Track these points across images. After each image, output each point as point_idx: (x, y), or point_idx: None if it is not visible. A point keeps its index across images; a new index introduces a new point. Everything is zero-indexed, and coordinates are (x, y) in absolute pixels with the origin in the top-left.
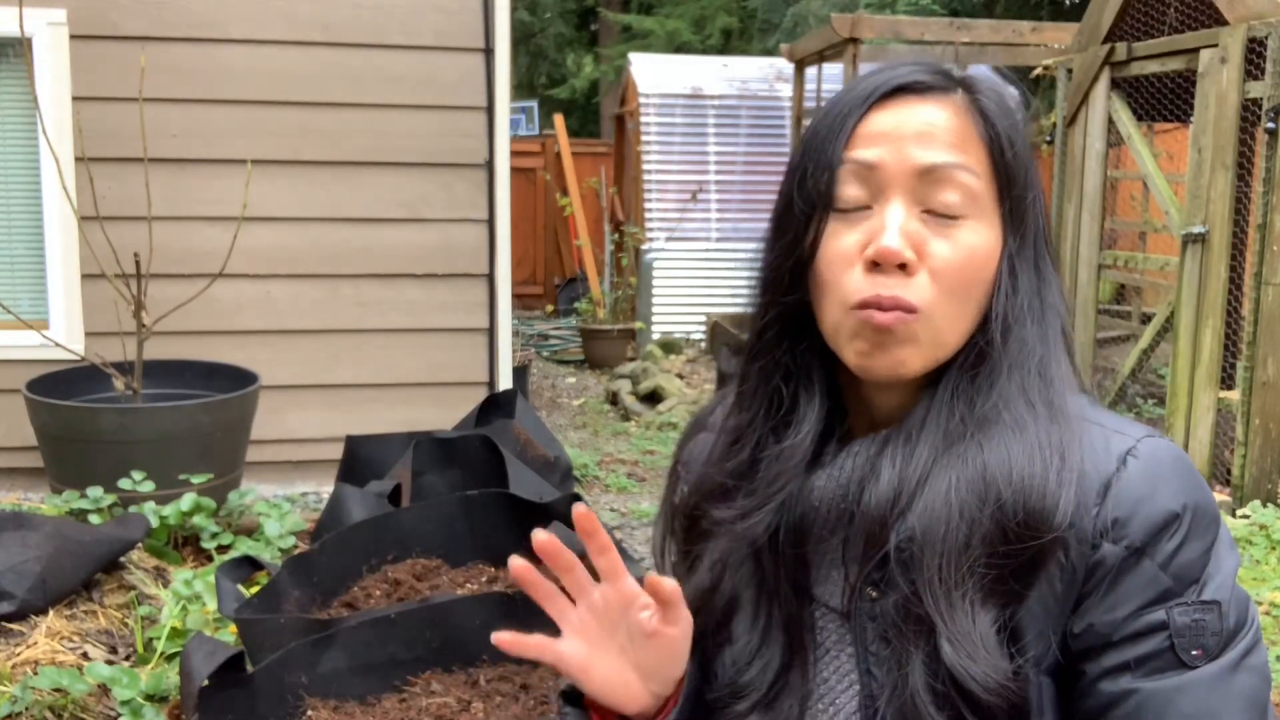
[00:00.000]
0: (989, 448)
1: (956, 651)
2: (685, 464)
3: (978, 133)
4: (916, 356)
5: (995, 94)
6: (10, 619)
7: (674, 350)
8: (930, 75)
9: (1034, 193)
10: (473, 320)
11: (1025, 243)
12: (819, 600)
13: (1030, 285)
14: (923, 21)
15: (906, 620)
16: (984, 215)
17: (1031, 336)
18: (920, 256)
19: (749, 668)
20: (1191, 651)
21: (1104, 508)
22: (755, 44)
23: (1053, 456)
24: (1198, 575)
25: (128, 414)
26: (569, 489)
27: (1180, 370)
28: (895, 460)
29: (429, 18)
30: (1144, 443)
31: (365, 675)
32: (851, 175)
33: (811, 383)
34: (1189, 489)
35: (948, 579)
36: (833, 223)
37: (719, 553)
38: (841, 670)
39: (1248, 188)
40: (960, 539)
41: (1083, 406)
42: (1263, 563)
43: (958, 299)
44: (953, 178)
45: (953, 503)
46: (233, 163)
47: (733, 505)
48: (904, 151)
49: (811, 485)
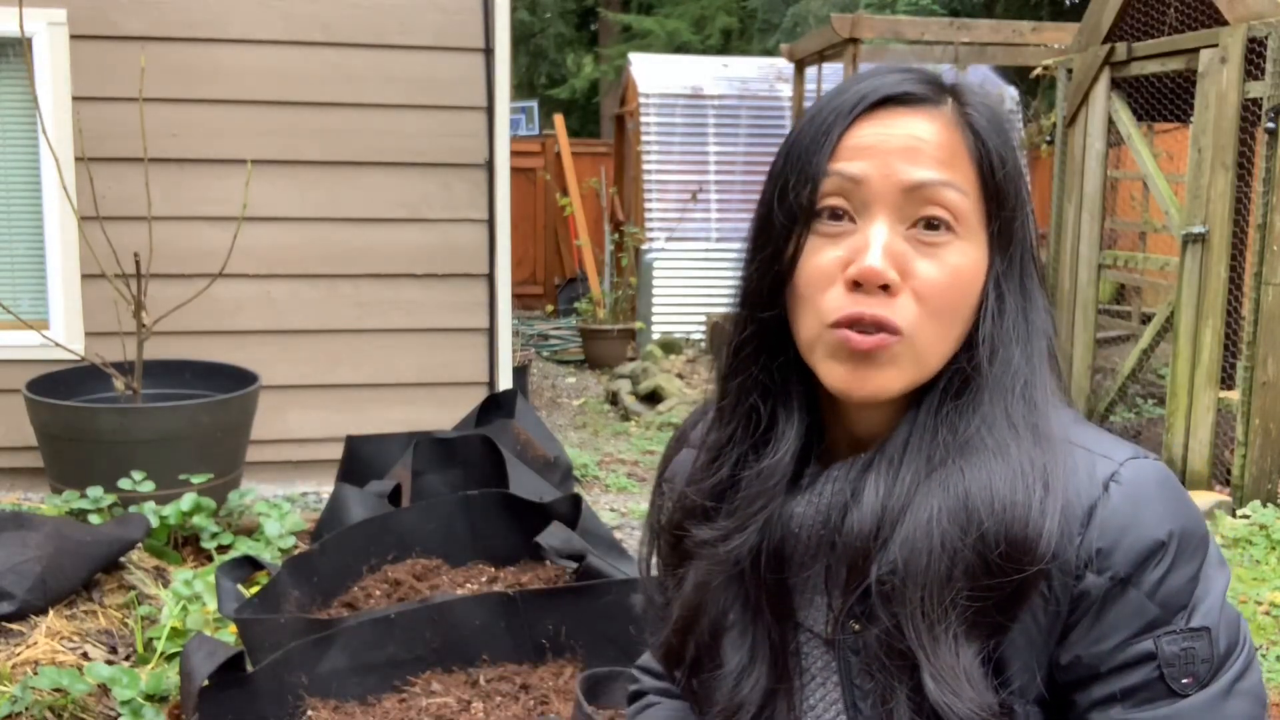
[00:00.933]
0: (970, 474)
1: (940, 688)
2: (669, 480)
3: (967, 148)
4: (898, 378)
5: (986, 107)
6: (10, 619)
7: (674, 350)
8: (920, 86)
9: (1023, 211)
10: (473, 320)
11: (1012, 263)
12: (804, 626)
13: (1016, 306)
14: (923, 21)
15: (890, 655)
16: (971, 235)
17: (1017, 359)
18: (904, 277)
19: (739, 688)
20: (1182, 680)
21: (1087, 536)
22: (755, 44)
23: (1036, 484)
24: (1185, 601)
25: (128, 414)
26: (569, 489)
27: (1180, 370)
28: (879, 487)
29: (429, 18)
30: (1127, 466)
31: (365, 675)
32: (835, 189)
33: (790, 400)
34: (1174, 514)
35: (930, 612)
36: (814, 237)
37: (702, 574)
38: (829, 698)
39: (1248, 188)
40: (942, 571)
41: (1067, 426)
42: (1263, 563)
43: (942, 321)
44: (940, 196)
45: (934, 533)
46: (233, 163)
47: (714, 526)
48: (890, 167)
49: (791, 511)
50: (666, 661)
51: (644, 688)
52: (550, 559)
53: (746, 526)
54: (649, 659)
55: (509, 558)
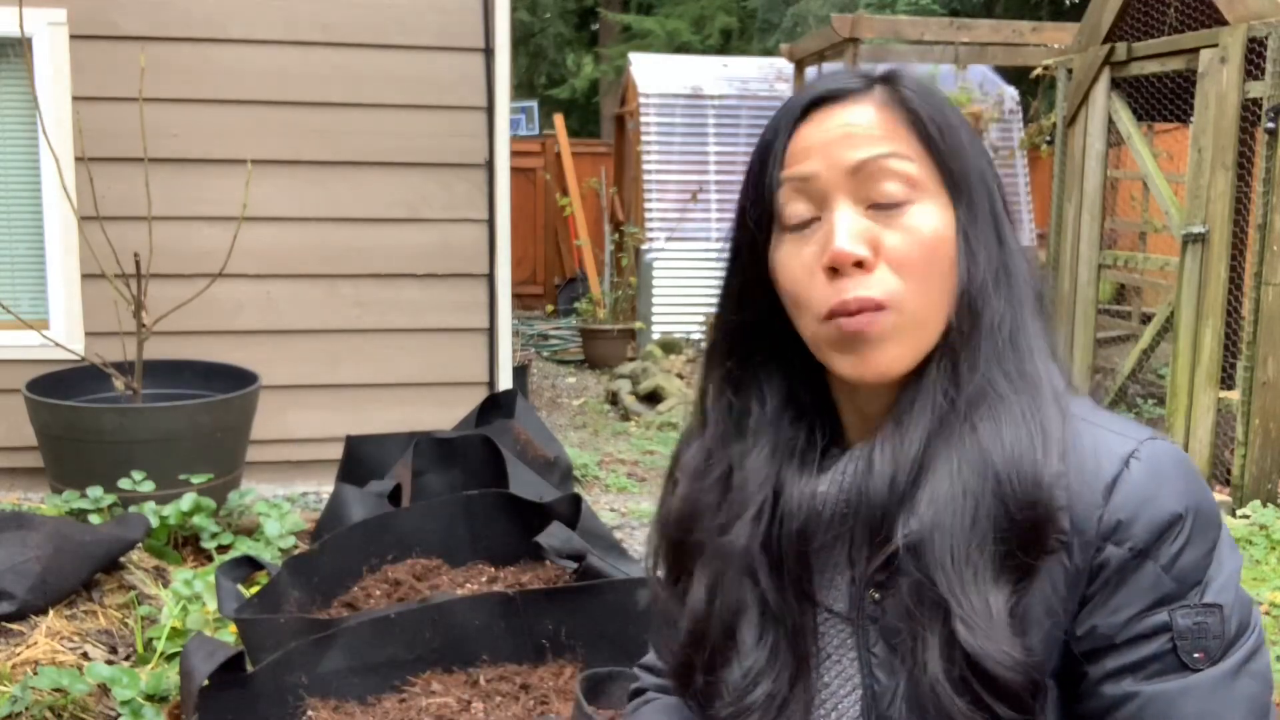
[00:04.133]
0: (981, 426)
1: (973, 632)
2: (681, 472)
3: (902, 120)
4: (903, 352)
5: (916, 81)
6: (10, 619)
7: (674, 350)
8: (846, 81)
9: (976, 163)
10: (473, 320)
11: (976, 211)
12: (822, 605)
13: (991, 254)
14: (922, 21)
15: (920, 605)
16: (928, 195)
17: (1000, 305)
18: (876, 251)
19: (755, 687)
20: (1193, 654)
21: (1108, 510)
22: (755, 44)
23: (1035, 426)
24: (1200, 578)
25: (128, 414)
26: (569, 489)
27: (1180, 370)
28: (887, 449)
29: (429, 18)
30: (1146, 445)
31: (365, 675)
32: (793, 193)
33: (764, 396)
34: (1191, 491)
35: (959, 559)
36: (787, 243)
37: (711, 574)
38: (845, 674)
39: (1248, 188)
40: (968, 519)
41: (1084, 408)
42: (1263, 563)
43: (923, 282)
44: (886, 167)
45: (957, 484)
46: (233, 163)
47: (714, 520)
48: (833, 156)
49: (814, 490)
50: (679, 677)
51: (644, 685)
52: (550, 559)
53: (741, 515)
54: (651, 658)
55: (509, 558)
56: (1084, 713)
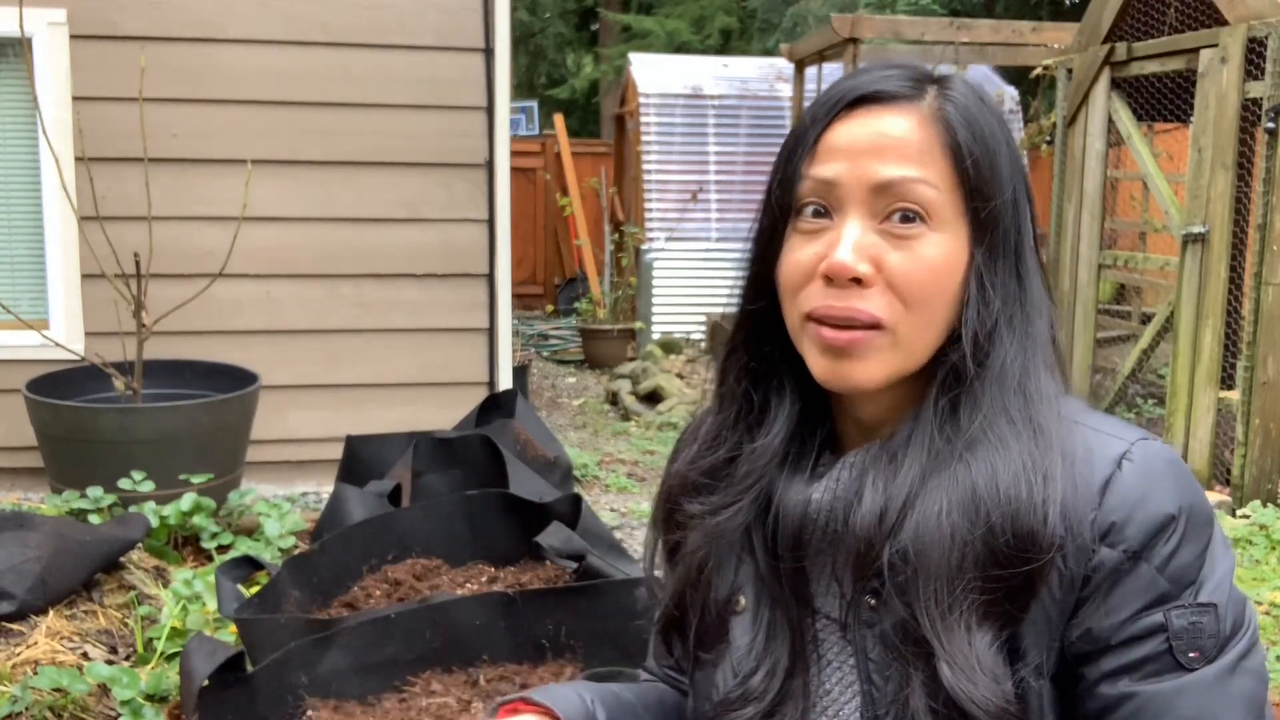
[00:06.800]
0: (976, 468)
1: (955, 675)
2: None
3: (941, 142)
4: (880, 369)
5: (965, 100)
6: (10, 619)
7: (674, 350)
8: (896, 83)
9: (1010, 200)
10: (473, 320)
11: (997, 253)
12: (820, 611)
13: (1009, 295)
14: (923, 21)
15: (905, 642)
16: (946, 227)
17: (1012, 351)
18: (878, 269)
19: (754, 674)
20: (1189, 654)
21: (1101, 512)
22: (755, 44)
23: (1036, 477)
24: (1194, 578)
25: (128, 414)
26: (569, 489)
27: (1180, 370)
28: (878, 483)
29: (429, 18)
30: (1138, 446)
31: (365, 675)
32: (811, 190)
33: (782, 386)
34: (1184, 492)
35: (943, 601)
36: (796, 235)
37: (691, 546)
38: (845, 681)
39: (1248, 188)
40: (953, 562)
41: (1076, 411)
42: (1263, 563)
43: (920, 310)
44: (908, 191)
45: (944, 525)
46: (233, 163)
47: (705, 500)
48: (860, 166)
49: (809, 496)
50: (664, 633)
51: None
52: (550, 559)
53: (737, 500)
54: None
55: (509, 558)
56: (1082, 713)
